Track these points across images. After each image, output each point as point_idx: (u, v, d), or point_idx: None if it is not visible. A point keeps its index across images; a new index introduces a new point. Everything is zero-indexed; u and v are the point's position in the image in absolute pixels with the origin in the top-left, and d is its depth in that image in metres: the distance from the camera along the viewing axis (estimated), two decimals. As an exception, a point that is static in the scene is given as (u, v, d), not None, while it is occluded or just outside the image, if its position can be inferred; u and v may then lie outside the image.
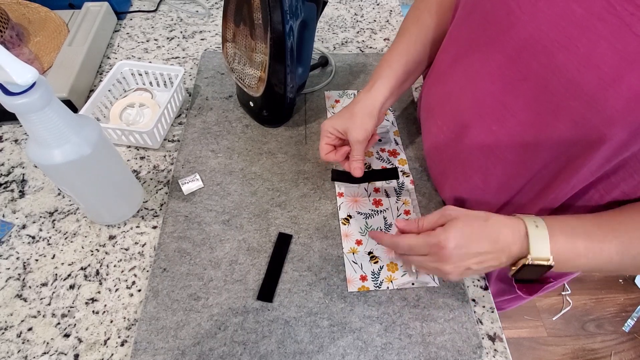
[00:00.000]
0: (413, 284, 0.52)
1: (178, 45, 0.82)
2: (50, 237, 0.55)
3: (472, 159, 0.49)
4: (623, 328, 1.46)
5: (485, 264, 0.41)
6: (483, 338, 0.49)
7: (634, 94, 0.31)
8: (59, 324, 0.48)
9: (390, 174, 0.61)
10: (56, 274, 0.52)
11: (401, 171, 0.63)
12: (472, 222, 0.42)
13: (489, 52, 0.41)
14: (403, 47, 0.56)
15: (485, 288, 0.53)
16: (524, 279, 0.43)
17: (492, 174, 0.48)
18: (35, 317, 0.48)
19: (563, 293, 1.53)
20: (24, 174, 0.61)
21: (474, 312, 0.51)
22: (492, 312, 0.51)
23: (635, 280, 1.56)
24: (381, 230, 0.56)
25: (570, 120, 0.36)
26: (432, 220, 0.44)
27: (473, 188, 0.51)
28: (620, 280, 1.57)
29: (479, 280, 0.53)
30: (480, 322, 0.50)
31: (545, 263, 0.39)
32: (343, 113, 0.54)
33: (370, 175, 0.60)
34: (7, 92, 0.36)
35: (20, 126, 0.66)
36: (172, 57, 0.80)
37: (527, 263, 0.39)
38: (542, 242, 0.39)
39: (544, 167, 0.42)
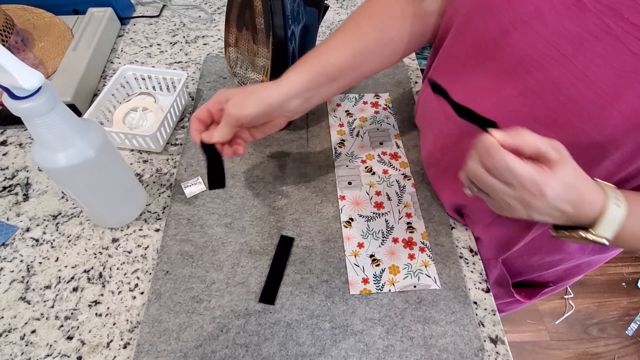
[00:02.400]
0: (415, 286, 0.52)
1: (181, 50, 0.83)
2: (53, 240, 0.55)
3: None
4: (626, 332, 1.45)
5: (551, 219, 0.36)
6: (485, 341, 0.49)
7: (634, 110, 0.31)
8: (62, 326, 0.48)
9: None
10: (59, 277, 0.52)
11: (402, 174, 0.63)
12: (577, 174, 0.34)
13: (485, 69, 0.42)
14: (334, 46, 0.49)
15: (487, 291, 0.53)
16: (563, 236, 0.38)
17: None
18: (38, 319, 0.49)
19: (566, 297, 1.52)
20: (28, 178, 0.61)
21: (476, 314, 0.51)
22: (494, 314, 0.51)
23: (638, 284, 1.56)
24: (382, 232, 0.56)
25: (569, 135, 0.36)
26: (539, 145, 0.32)
27: (474, 197, 0.52)
28: (623, 284, 1.57)
29: (480, 283, 0.53)
30: (482, 324, 0.50)
31: (599, 241, 0.35)
32: (244, 87, 0.46)
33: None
34: (13, 96, 0.36)
35: (25, 130, 0.67)
36: (175, 62, 0.80)
37: (584, 236, 0.35)
38: (610, 226, 0.34)
39: None
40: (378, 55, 0.50)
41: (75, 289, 0.51)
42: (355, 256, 0.54)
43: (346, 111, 0.72)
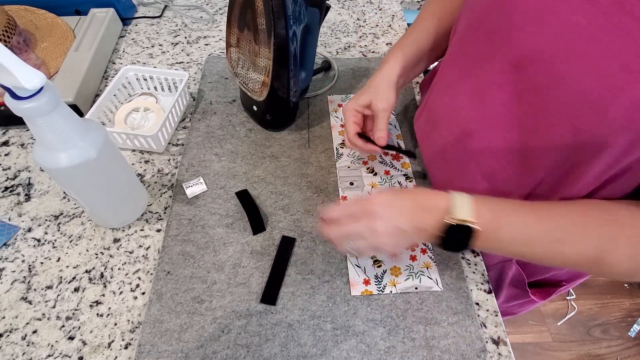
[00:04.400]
0: (416, 288, 0.52)
1: (182, 50, 0.83)
2: (55, 240, 0.55)
3: (479, 167, 0.49)
4: (629, 333, 1.44)
5: (414, 223, 0.42)
6: (487, 342, 0.48)
7: (637, 102, 0.31)
8: (63, 326, 0.48)
9: (408, 153, 0.62)
10: (61, 277, 0.52)
11: (404, 175, 0.63)
12: (394, 190, 0.45)
13: (495, 64, 0.42)
14: (417, 35, 0.58)
15: (489, 292, 0.52)
16: (454, 248, 0.43)
17: (498, 180, 0.48)
18: (40, 319, 0.49)
19: (568, 298, 1.51)
20: (30, 178, 0.61)
21: (478, 315, 0.50)
22: (496, 315, 0.51)
23: (641, 285, 1.55)
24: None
25: (572, 127, 0.37)
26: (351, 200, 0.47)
27: (479, 194, 0.52)
28: (626, 285, 1.56)
29: (482, 284, 0.53)
30: (484, 325, 0.50)
31: (468, 224, 0.40)
32: (363, 90, 0.58)
33: (391, 147, 0.60)
34: (15, 97, 0.36)
35: (27, 130, 0.67)
36: (177, 62, 0.81)
37: (450, 223, 0.40)
38: (464, 202, 0.41)
39: (548, 173, 0.43)
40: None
41: (76, 289, 0.51)
42: (356, 257, 0.54)
43: (348, 111, 0.72)
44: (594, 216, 0.40)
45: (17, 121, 0.66)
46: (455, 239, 0.41)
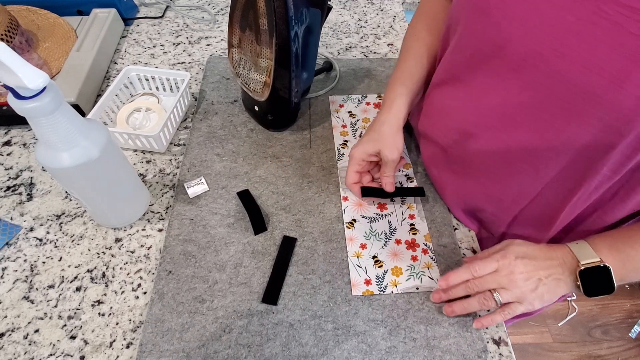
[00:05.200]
0: (417, 288, 0.52)
1: (184, 50, 0.83)
2: (57, 240, 0.55)
3: (486, 168, 0.50)
4: (629, 334, 1.44)
5: (553, 275, 0.44)
6: (488, 342, 0.48)
7: None
8: (65, 325, 0.48)
9: (418, 191, 0.60)
10: (63, 276, 0.52)
11: (405, 175, 0.63)
12: (524, 243, 0.47)
13: (487, 70, 0.43)
14: (411, 65, 0.58)
15: (490, 292, 0.53)
16: (597, 291, 0.43)
17: (507, 182, 0.49)
18: (41, 318, 0.49)
19: (568, 299, 1.50)
20: (32, 178, 0.61)
21: (479, 316, 0.50)
22: (497, 316, 0.51)
23: (642, 286, 1.55)
24: (385, 234, 0.56)
25: (585, 123, 0.37)
26: (489, 251, 0.49)
27: (488, 196, 0.52)
28: (627, 286, 1.56)
29: (483, 284, 0.53)
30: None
31: (598, 263, 0.42)
32: (370, 136, 0.56)
33: (399, 191, 0.59)
34: (18, 96, 0.37)
35: (29, 130, 0.67)
36: (178, 63, 0.81)
37: (582, 268, 0.42)
38: (583, 248, 0.43)
39: (559, 172, 0.43)
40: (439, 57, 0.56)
41: (78, 289, 0.51)
42: (357, 257, 0.54)
43: (349, 112, 0.72)
44: None
45: (19, 121, 0.66)
46: (593, 283, 0.42)
